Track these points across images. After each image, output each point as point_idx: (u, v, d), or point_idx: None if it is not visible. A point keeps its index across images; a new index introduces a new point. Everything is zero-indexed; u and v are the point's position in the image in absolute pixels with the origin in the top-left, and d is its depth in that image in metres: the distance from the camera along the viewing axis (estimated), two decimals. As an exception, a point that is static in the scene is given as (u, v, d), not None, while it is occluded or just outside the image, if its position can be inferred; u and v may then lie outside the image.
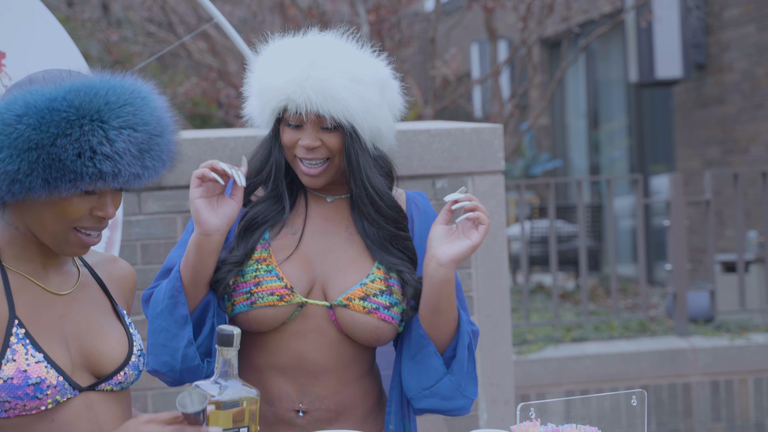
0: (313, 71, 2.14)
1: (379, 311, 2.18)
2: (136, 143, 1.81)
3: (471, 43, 14.46)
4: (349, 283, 2.20)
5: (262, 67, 2.23)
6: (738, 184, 7.29)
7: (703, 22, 9.91)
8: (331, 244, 2.24)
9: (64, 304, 1.92)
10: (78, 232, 1.87)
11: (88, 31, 10.50)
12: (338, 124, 2.17)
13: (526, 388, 6.13)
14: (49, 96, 1.77)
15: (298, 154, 2.20)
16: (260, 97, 2.22)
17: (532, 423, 1.87)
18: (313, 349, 2.19)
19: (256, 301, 2.17)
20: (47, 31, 3.32)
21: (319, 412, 2.21)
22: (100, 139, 1.77)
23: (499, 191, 4.09)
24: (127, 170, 1.80)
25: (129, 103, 1.82)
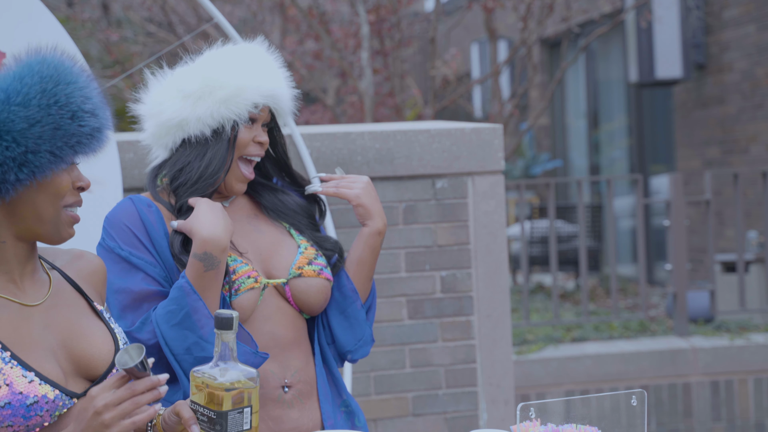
0: (279, 71, 2.39)
1: (323, 272, 2.37)
2: (102, 96, 1.89)
3: (471, 43, 14.46)
4: (288, 257, 2.37)
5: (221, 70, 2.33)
6: (738, 184, 7.29)
7: (703, 22, 9.91)
8: (247, 234, 2.38)
9: (43, 314, 1.90)
10: (68, 212, 1.89)
11: (88, 31, 10.50)
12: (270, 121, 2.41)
13: (526, 388, 6.13)
14: (17, 76, 1.81)
15: (250, 152, 2.35)
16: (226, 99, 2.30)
17: (532, 423, 1.87)
18: (281, 326, 2.32)
19: (240, 288, 2.26)
20: (47, 31, 3.32)
21: (300, 384, 2.33)
22: (81, 99, 1.84)
23: (499, 191, 4.09)
24: (105, 122, 1.88)
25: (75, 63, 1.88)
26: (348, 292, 2.42)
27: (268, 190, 2.47)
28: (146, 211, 2.30)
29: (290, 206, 2.46)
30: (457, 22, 10.58)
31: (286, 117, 2.45)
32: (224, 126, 2.31)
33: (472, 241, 4.06)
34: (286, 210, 2.45)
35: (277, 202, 2.46)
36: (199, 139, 2.32)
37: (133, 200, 2.34)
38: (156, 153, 2.39)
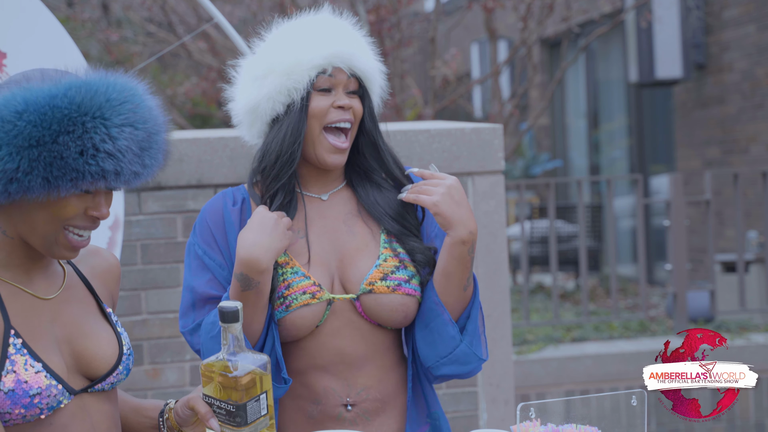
0: (346, 31, 2.27)
1: (401, 287, 2.21)
2: (137, 141, 1.78)
3: (471, 43, 14.46)
4: (363, 269, 2.22)
5: (282, 48, 2.26)
6: (738, 184, 7.29)
7: (703, 22, 9.91)
8: (335, 239, 2.26)
9: (53, 307, 1.90)
10: (68, 234, 1.83)
11: (88, 31, 10.50)
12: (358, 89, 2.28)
13: (526, 388, 6.13)
14: (50, 93, 1.73)
15: (331, 119, 2.24)
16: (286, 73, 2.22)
17: (532, 423, 1.87)
18: (350, 343, 2.20)
19: (291, 304, 2.16)
20: (47, 31, 3.32)
21: (366, 403, 2.22)
22: (102, 137, 1.74)
23: (499, 191, 4.09)
24: (128, 168, 1.77)
25: (128, 100, 1.78)
26: (431, 305, 2.22)
27: (369, 185, 2.33)
28: (230, 209, 2.24)
29: (384, 206, 2.30)
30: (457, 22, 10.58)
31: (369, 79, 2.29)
32: (293, 98, 2.22)
33: (472, 241, 4.06)
34: (379, 211, 2.30)
35: (373, 200, 2.31)
36: (276, 119, 2.24)
37: (224, 195, 2.28)
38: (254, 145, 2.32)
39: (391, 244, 2.26)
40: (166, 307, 3.88)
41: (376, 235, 2.27)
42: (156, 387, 3.88)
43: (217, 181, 3.88)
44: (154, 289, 3.87)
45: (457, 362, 2.23)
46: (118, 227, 3.44)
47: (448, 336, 2.21)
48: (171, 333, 3.89)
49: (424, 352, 2.23)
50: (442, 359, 2.22)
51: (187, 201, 3.87)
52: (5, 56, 3.20)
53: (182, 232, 3.87)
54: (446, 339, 2.21)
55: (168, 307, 3.88)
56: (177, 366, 3.90)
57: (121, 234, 3.47)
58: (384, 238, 2.27)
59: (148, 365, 3.88)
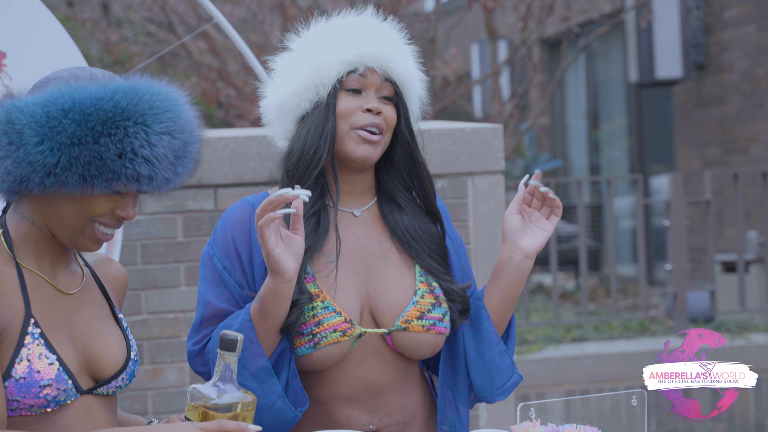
0: (383, 32, 2.17)
1: (435, 326, 2.15)
2: (173, 150, 1.83)
3: (471, 43, 14.45)
4: (399, 303, 2.15)
5: (314, 44, 2.17)
6: (738, 184, 7.29)
7: (703, 22, 9.91)
8: (370, 265, 2.17)
9: (71, 304, 1.92)
10: (94, 228, 1.87)
11: (88, 31, 10.50)
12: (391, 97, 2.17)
13: (526, 388, 6.13)
14: (96, 95, 1.78)
15: (358, 122, 2.12)
16: (315, 68, 2.13)
17: (532, 423, 1.87)
18: (374, 373, 2.15)
19: (320, 342, 2.08)
20: (47, 30, 3.31)
21: (388, 428, 2.18)
22: (141, 142, 1.79)
23: (499, 191, 4.09)
24: (161, 175, 1.83)
25: (170, 110, 1.84)
26: (487, 335, 2.19)
27: (394, 207, 2.20)
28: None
29: (417, 239, 2.19)
30: (457, 22, 10.58)
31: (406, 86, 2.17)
32: (320, 95, 2.12)
33: (472, 241, 4.06)
34: (413, 246, 2.19)
35: (402, 227, 2.19)
36: (303, 118, 2.15)
37: (250, 204, 2.16)
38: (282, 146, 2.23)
39: (426, 278, 2.19)
40: (166, 307, 3.88)
41: (410, 266, 2.19)
42: (156, 387, 3.88)
43: (217, 181, 3.88)
44: (154, 289, 3.87)
45: (507, 391, 2.22)
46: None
47: (505, 366, 2.20)
48: (171, 333, 3.90)
49: (480, 384, 2.21)
50: (498, 389, 2.21)
51: (187, 201, 3.87)
52: (5, 56, 3.20)
53: (182, 232, 3.87)
54: (503, 370, 2.20)
55: (168, 307, 3.88)
56: (177, 366, 3.90)
57: (120, 234, 3.48)
58: (419, 270, 2.19)
59: (148, 365, 3.88)
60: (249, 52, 3.91)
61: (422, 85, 2.23)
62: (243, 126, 9.39)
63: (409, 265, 2.19)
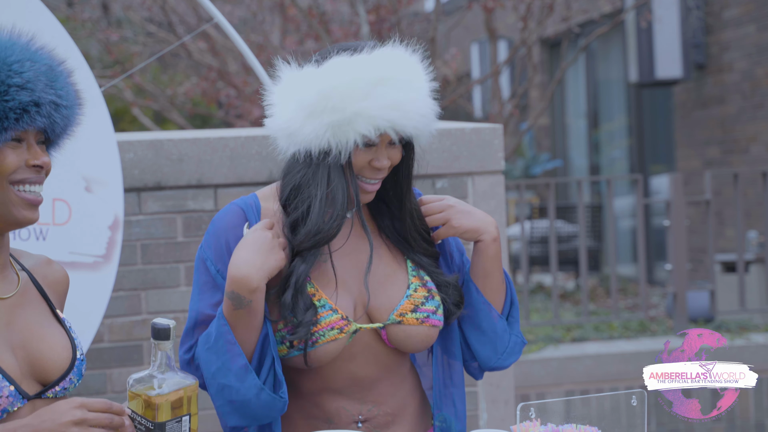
0: (410, 92, 2.13)
1: (429, 318, 2.18)
2: (42, 72, 1.83)
3: (471, 43, 14.46)
4: (393, 298, 2.18)
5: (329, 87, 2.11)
6: (738, 184, 7.29)
7: (703, 22, 9.91)
8: (361, 262, 2.20)
9: (7, 309, 1.88)
10: (19, 192, 1.84)
11: (88, 31, 10.50)
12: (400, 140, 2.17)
13: (526, 388, 6.13)
14: None
15: (363, 173, 2.14)
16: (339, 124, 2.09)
17: (532, 423, 1.87)
18: (364, 367, 2.18)
19: (318, 340, 2.10)
20: (47, 30, 3.31)
21: (377, 418, 2.21)
22: (7, 74, 1.79)
23: (499, 191, 4.09)
24: (44, 98, 1.82)
25: (16, 43, 1.85)
26: (480, 305, 2.25)
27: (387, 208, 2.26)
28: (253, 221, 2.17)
29: (405, 237, 2.24)
30: (457, 22, 10.58)
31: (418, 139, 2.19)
32: (333, 150, 2.10)
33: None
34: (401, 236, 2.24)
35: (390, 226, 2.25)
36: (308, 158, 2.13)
37: (241, 208, 2.19)
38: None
39: (418, 272, 2.22)
40: (166, 307, 3.88)
41: (401, 261, 2.23)
42: (156, 387, 3.88)
43: (217, 181, 3.88)
44: (154, 289, 3.87)
45: (514, 354, 2.30)
46: (117, 227, 3.44)
47: (502, 330, 2.27)
48: (171, 333, 3.89)
49: (484, 353, 2.28)
50: (501, 355, 2.27)
51: (187, 201, 3.87)
52: (5, 56, 3.20)
53: (182, 232, 3.87)
54: (501, 334, 2.27)
55: (168, 307, 3.88)
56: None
57: (120, 234, 3.47)
58: (411, 265, 2.23)
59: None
60: (249, 52, 3.91)
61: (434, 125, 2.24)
62: (243, 126, 9.39)
63: (400, 260, 2.23)
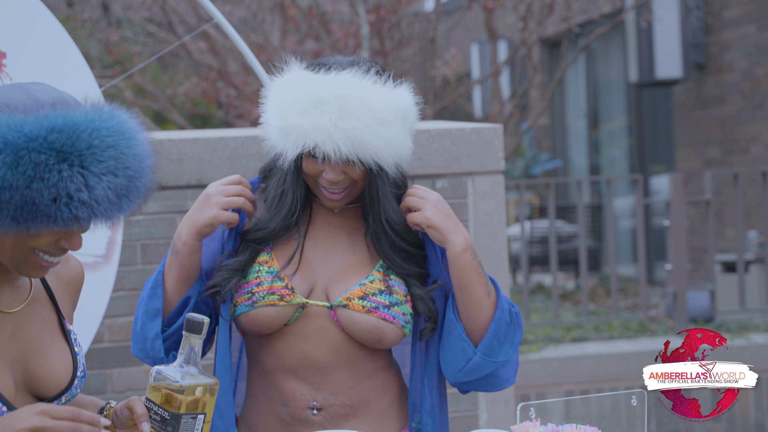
0: (341, 120, 2.12)
1: (378, 310, 2.19)
2: (115, 189, 1.71)
3: (471, 43, 14.46)
4: (349, 284, 2.22)
5: (284, 101, 2.18)
6: (738, 184, 7.29)
7: (703, 22, 9.91)
8: (333, 249, 2.26)
9: (14, 322, 1.84)
10: (37, 257, 1.77)
11: (88, 31, 10.50)
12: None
13: (526, 388, 6.13)
14: (29, 134, 1.65)
15: (320, 183, 2.20)
16: (283, 132, 2.17)
17: (532, 423, 1.87)
18: (317, 348, 2.21)
19: (257, 301, 2.19)
20: (47, 31, 3.31)
21: (334, 408, 2.22)
22: (78, 186, 1.67)
23: (499, 191, 4.09)
24: (103, 215, 1.71)
25: (113, 146, 1.71)
26: (448, 321, 2.24)
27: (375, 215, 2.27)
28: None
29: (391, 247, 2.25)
30: (457, 22, 10.59)
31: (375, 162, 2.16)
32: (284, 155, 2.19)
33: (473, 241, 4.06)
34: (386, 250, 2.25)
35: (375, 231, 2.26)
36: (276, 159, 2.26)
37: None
38: None
39: (387, 271, 2.24)
40: (166, 307, 3.88)
41: (375, 260, 2.26)
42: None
43: (217, 181, 3.87)
44: (154, 289, 3.87)
45: (473, 373, 2.23)
46: (117, 227, 3.44)
47: (460, 350, 2.21)
48: (171, 333, 3.89)
49: (445, 371, 2.26)
50: (458, 373, 2.23)
51: (187, 201, 3.87)
52: (5, 56, 3.20)
53: (182, 232, 3.87)
54: (458, 353, 2.22)
55: (168, 307, 3.88)
56: (177, 366, 3.90)
57: (121, 234, 3.47)
58: (382, 264, 2.25)
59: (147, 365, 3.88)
60: (249, 52, 3.91)
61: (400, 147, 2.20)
62: (243, 126, 9.39)
63: (374, 258, 2.26)
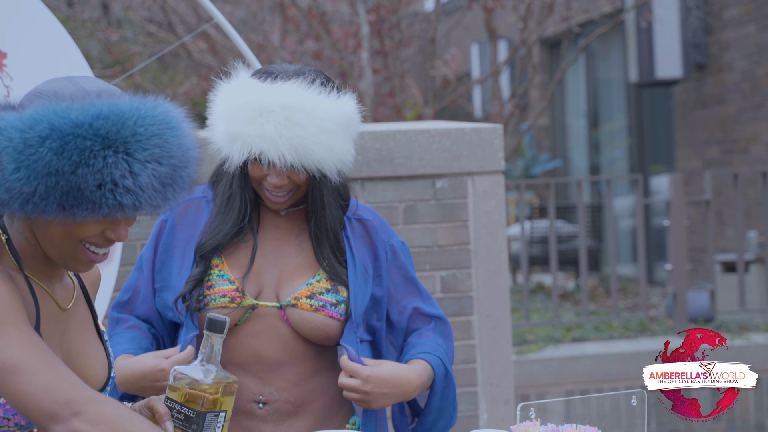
0: (286, 129, 2.21)
1: (326, 308, 2.30)
2: (160, 177, 1.72)
3: (471, 43, 14.46)
4: (296, 284, 2.31)
5: (230, 107, 2.30)
6: (738, 184, 7.29)
7: (703, 22, 9.91)
8: (282, 251, 2.35)
9: (65, 320, 1.88)
10: (86, 249, 1.79)
11: (88, 31, 10.50)
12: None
13: (526, 388, 6.13)
14: (75, 121, 1.67)
15: (265, 186, 2.30)
16: (230, 138, 2.28)
17: (532, 423, 1.87)
18: (268, 346, 2.30)
19: (209, 303, 2.28)
20: (47, 31, 3.32)
21: (278, 403, 2.30)
22: (123, 172, 1.68)
23: (499, 191, 4.09)
24: (148, 203, 1.72)
25: (157, 134, 1.72)
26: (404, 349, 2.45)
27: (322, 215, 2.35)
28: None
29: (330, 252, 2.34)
30: (457, 22, 10.59)
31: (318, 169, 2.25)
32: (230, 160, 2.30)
33: (472, 241, 4.06)
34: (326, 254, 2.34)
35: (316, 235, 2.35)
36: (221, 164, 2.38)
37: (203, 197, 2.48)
38: None
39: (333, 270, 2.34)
40: (166, 307, 3.88)
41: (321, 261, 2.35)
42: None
43: (217, 181, 3.87)
44: (154, 289, 3.87)
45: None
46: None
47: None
48: (171, 333, 3.89)
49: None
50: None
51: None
52: (5, 56, 3.20)
53: (182, 232, 3.87)
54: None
55: (168, 307, 3.88)
56: (177, 366, 3.90)
57: (121, 234, 3.47)
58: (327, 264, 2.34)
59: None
60: (249, 52, 3.91)
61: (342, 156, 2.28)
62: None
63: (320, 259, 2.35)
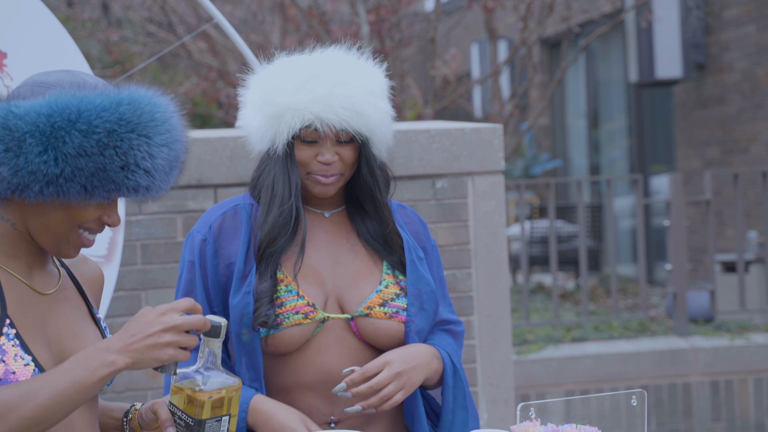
0: (337, 88, 2.18)
1: (398, 314, 2.24)
2: (169, 161, 1.86)
3: (471, 43, 14.46)
4: (364, 292, 2.25)
5: (272, 86, 2.24)
6: (738, 184, 7.29)
7: (703, 22, 9.91)
8: (337, 257, 2.28)
9: (47, 304, 1.90)
10: (80, 234, 1.87)
11: (88, 31, 10.50)
12: (352, 138, 2.22)
13: (526, 388, 6.13)
14: (101, 106, 1.79)
15: (313, 170, 2.23)
16: (274, 118, 2.22)
17: (532, 423, 1.87)
18: (336, 361, 2.22)
19: (282, 322, 2.19)
20: (47, 31, 3.32)
21: (350, 420, 2.23)
22: (144, 155, 1.81)
23: (499, 191, 4.09)
24: (158, 185, 1.85)
25: (167, 121, 1.85)
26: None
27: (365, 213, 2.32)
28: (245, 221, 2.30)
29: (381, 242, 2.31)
30: (457, 22, 10.59)
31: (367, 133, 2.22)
32: (275, 143, 2.23)
33: (472, 241, 4.06)
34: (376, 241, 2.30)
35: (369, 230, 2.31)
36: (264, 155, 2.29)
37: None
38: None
39: (393, 271, 2.29)
40: (166, 307, 3.88)
41: (378, 261, 2.30)
42: (156, 387, 3.88)
43: (217, 181, 3.88)
44: (154, 289, 3.87)
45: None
46: (119, 228, 3.44)
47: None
48: (171, 333, 3.89)
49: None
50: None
51: (187, 201, 3.87)
52: (6, 56, 3.20)
53: (182, 232, 3.87)
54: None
55: (168, 307, 3.88)
56: (177, 366, 3.90)
57: (121, 234, 3.48)
58: (387, 265, 2.29)
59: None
60: (249, 52, 3.91)
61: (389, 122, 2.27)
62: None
63: (377, 260, 2.30)
